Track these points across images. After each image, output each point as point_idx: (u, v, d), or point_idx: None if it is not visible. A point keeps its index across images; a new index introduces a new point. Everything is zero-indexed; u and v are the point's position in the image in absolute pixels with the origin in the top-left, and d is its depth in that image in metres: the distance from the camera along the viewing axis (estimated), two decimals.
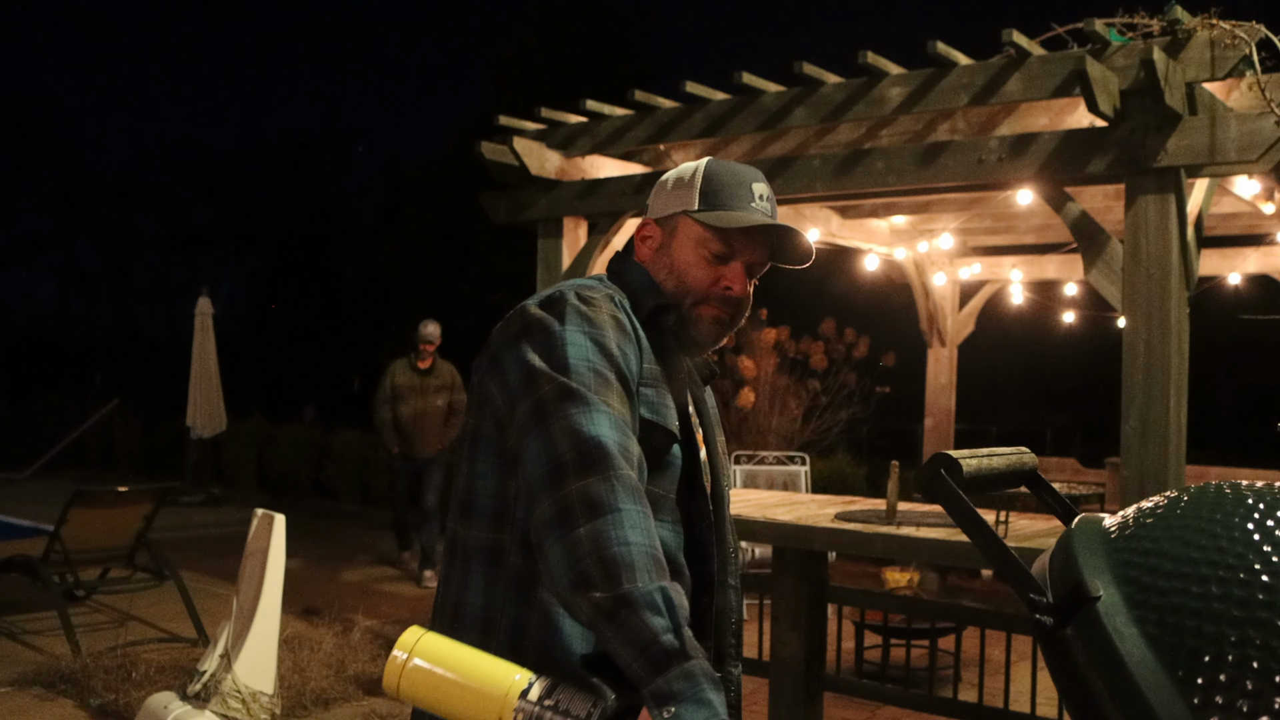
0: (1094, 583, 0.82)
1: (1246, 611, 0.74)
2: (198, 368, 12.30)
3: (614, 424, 1.45)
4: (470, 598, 1.59)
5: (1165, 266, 4.03)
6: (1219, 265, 7.48)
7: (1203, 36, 4.04)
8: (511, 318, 1.63)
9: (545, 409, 1.46)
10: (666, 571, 1.34)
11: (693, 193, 1.72)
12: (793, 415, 9.10)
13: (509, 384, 1.55)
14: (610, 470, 1.39)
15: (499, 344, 1.61)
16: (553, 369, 1.49)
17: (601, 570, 1.30)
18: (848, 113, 4.79)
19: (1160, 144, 3.99)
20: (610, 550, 1.31)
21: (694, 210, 1.70)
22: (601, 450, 1.40)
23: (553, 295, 1.62)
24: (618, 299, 1.65)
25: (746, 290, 1.73)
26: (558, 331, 1.54)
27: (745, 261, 1.71)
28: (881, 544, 3.57)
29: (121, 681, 5.17)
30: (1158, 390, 4.02)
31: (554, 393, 1.47)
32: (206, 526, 10.76)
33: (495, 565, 1.57)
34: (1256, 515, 0.79)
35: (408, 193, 22.13)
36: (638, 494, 1.40)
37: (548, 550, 1.36)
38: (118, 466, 15.67)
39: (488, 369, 1.61)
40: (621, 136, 5.43)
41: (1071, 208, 4.37)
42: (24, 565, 6.17)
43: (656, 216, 1.77)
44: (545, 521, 1.38)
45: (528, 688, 1.24)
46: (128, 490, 6.43)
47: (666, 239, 1.74)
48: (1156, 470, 4.00)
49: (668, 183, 1.79)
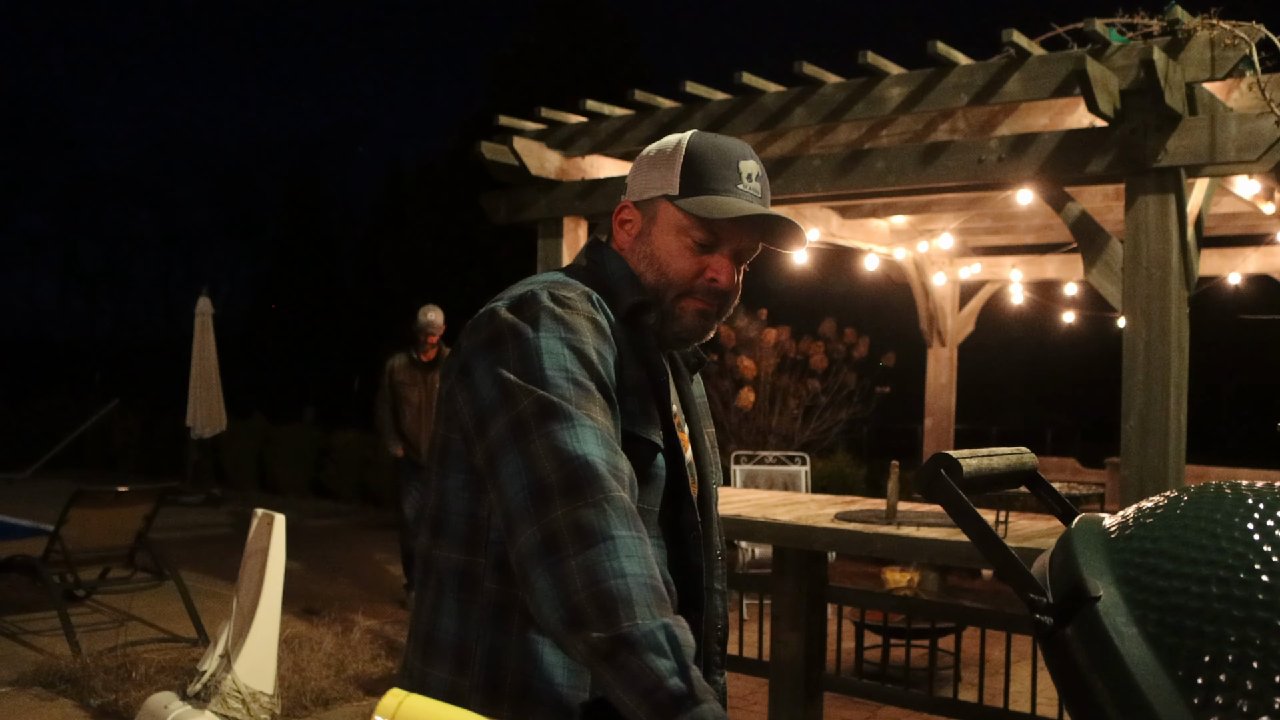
0: (1094, 582, 0.82)
1: (1247, 611, 0.74)
2: (198, 368, 12.30)
3: (601, 440, 1.33)
4: (443, 623, 1.47)
5: (1165, 266, 4.03)
6: (1219, 265, 7.48)
7: (1203, 36, 4.03)
8: (479, 322, 1.48)
9: (523, 426, 1.34)
10: (669, 603, 1.23)
11: (673, 174, 1.54)
12: (793, 415, 9.11)
13: (479, 397, 1.41)
14: (601, 493, 1.27)
15: (468, 351, 1.46)
16: (529, 381, 1.37)
17: (597, 607, 1.18)
18: (848, 113, 4.79)
19: (1160, 144, 3.99)
20: (606, 584, 1.19)
21: (675, 195, 1.53)
22: (590, 471, 1.28)
23: (524, 296, 1.47)
24: (595, 298, 1.50)
25: (734, 280, 1.56)
26: (532, 339, 1.40)
27: (732, 250, 1.55)
28: (881, 544, 3.57)
29: (121, 681, 5.17)
30: (1158, 390, 4.02)
31: (532, 408, 1.34)
32: (206, 526, 10.76)
33: (469, 590, 1.44)
34: (1257, 515, 0.79)
35: (408, 193, 22.12)
36: (632, 518, 1.27)
37: (534, 583, 1.24)
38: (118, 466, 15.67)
39: (456, 378, 1.47)
40: (621, 136, 5.43)
41: (1071, 208, 4.37)
42: (24, 565, 6.17)
43: (635, 199, 1.59)
44: (530, 551, 1.26)
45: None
46: (128, 490, 6.43)
47: (646, 225, 1.57)
48: (1156, 470, 4.00)
49: (647, 158, 1.61)
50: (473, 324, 1.50)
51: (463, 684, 1.43)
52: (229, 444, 13.64)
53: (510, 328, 1.43)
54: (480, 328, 1.47)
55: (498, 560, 1.42)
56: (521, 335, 1.41)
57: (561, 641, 1.23)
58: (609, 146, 5.53)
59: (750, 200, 1.54)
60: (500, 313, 1.46)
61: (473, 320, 1.51)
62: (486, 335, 1.45)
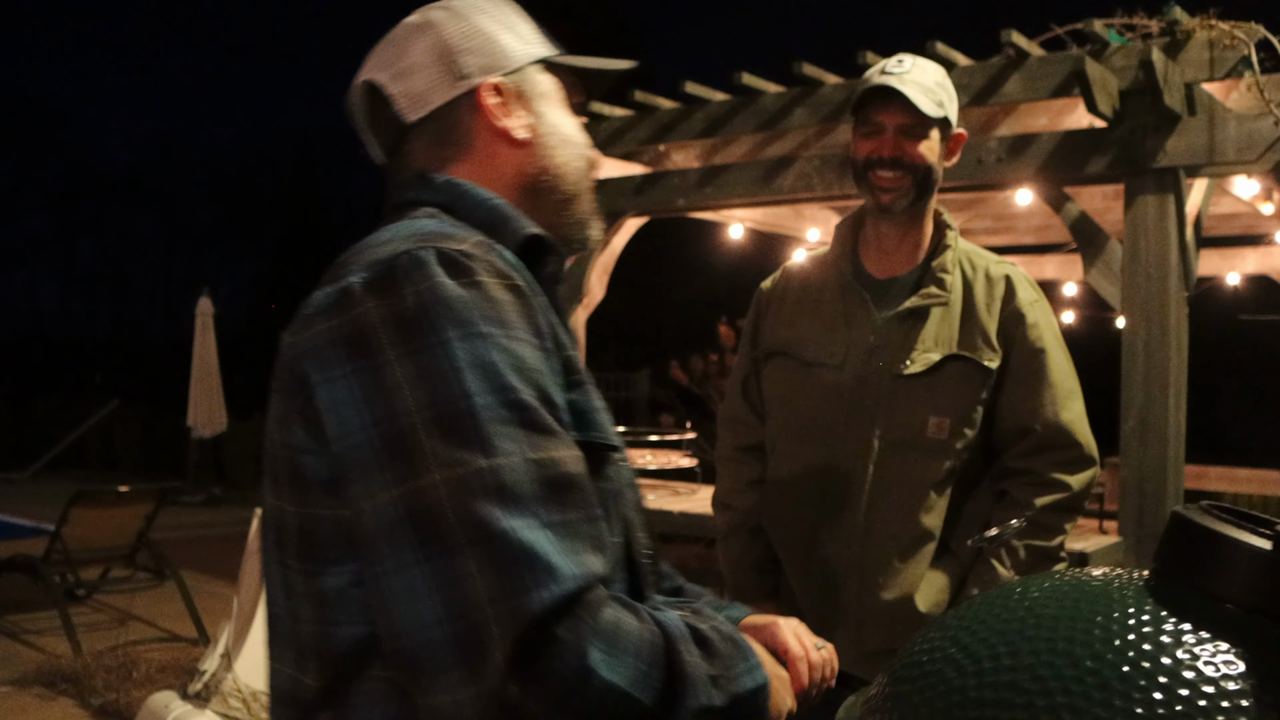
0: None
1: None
2: (198, 367, 12.30)
3: (578, 535, 0.88)
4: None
5: (1164, 267, 4.04)
6: (1218, 265, 7.48)
7: (1201, 37, 4.04)
8: (323, 307, 0.95)
9: (432, 516, 0.84)
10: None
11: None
12: None
13: (340, 449, 0.90)
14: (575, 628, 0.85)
15: (306, 354, 0.94)
16: (444, 431, 0.85)
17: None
18: (847, 113, 4.80)
19: (1159, 144, 4.00)
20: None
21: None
22: (572, 599, 0.84)
23: (397, 262, 0.93)
24: (498, 249, 1.01)
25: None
26: (433, 344, 0.88)
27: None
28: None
29: (122, 681, 5.18)
30: (1157, 390, 4.02)
31: (452, 484, 0.84)
32: (206, 526, 10.76)
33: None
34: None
35: None
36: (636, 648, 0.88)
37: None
38: (118, 466, 15.68)
39: (290, 404, 0.96)
40: (621, 136, 5.43)
41: (1071, 208, 4.37)
42: (25, 565, 6.17)
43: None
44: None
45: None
46: (128, 490, 6.43)
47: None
48: (1156, 470, 4.00)
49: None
50: (313, 310, 0.97)
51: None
52: (230, 444, 13.64)
53: (387, 322, 0.90)
54: (325, 315, 0.95)
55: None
56: (408, 337, 0.89)
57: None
58: (609, 146, 5.53)
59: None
60: (359, 296, 0.92)
61: (311, 304, 0.98)
62: (342, 332, 0.92)
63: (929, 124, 2.04)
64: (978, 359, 2.06)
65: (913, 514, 2.05)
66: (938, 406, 2.04)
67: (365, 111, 1.18)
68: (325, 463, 0.92)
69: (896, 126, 2.03)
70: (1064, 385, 2.12)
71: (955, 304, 2.10)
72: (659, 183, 5.32)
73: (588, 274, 5.52)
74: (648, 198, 5.32)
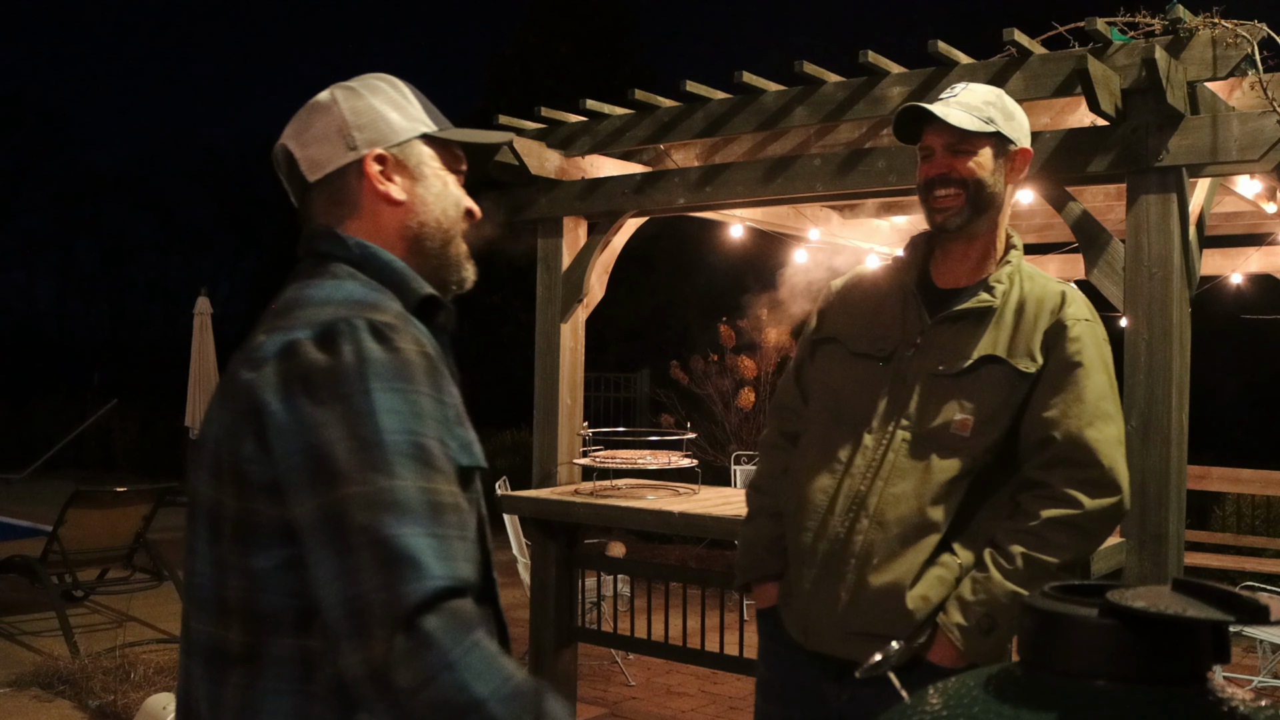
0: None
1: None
2: (197, 368, 12.28)
3: (453, 548, 1.13)
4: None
5: (1167, 266, 4.02)
6: (1221, 265, 7.47)
7: (1205, 35, 4.02)
8: (274, 354, 1.20)
9: (343, 517, 1.11)
10: (538, 701, 1.12)
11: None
12: None
13: (283, 464, 1.17)
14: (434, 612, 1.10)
15: (260, 387, 1.19)
16: (360, 457, 1.13)
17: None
18: (848, 112, 4.78)
19: (1162, 143, 3.98)
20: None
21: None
22: (424, 592, 1.09)
23: (337, 327, 1.20)
24: (409, 318, 1.29)
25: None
26: (360, 391, 1.15)
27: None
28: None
29: (120, 682, 5.16)
30: (1159, 390, 4.01)
31: (362, 498, 1.11)
32: None
33: (307, 680, 1.20)
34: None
35: None
36: (472, 629, 1.11)
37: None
38: (116, 467, 15.67)
39: (244, 424, 1.20)
40: (621, 136, 5.41)
41: (1073, 207, 4.35)
42: (22, 565, 6.16)
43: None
44: (361, 678, 1.10)
45: None
46: (126, 490, 6.42)
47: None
48: (1158, 470, 3.99)
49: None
50: (263, 357, 1.21)
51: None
52: None
53: (326, 373, 1.17)
54: (277, 360, 1.20)
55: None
56: (341, 386, 1.16)
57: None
58: (609, 146, 5.51)
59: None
60: (309, 353, 1.19)
61: (259, 349, 1.22)
62: (292, 375, 1.18)
63: (975, 140, 2.12)
64: (1014, 363, 2.11)
65: (921, 503, 2.08)
66: (964, 404, 2.09)
67: (283, 168, 1.42)
68: (268, 472, 1.17)
69: (944, 146, 2.13)
70: (1097, 405, 2.12)
71: (1007, 315, 2.14)
72: (659, 182, 5.30)
73: (588, 274, 5.50)
74: (647, 197, 5.30)
